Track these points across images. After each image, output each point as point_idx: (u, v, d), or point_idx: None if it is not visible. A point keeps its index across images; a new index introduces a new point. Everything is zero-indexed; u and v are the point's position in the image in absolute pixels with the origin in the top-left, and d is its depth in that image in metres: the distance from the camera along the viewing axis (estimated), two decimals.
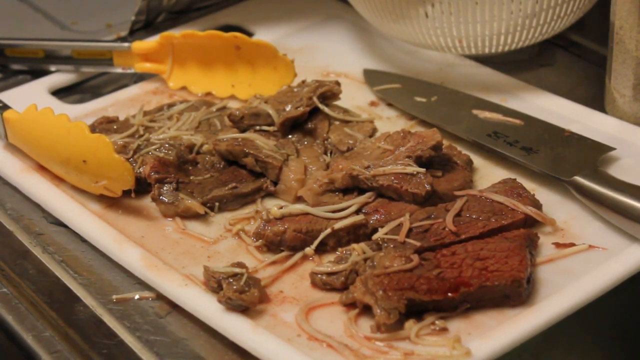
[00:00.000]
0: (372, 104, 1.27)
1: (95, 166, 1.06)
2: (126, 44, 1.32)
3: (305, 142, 1.16)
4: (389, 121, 1.23)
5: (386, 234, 0.99)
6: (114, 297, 0.99)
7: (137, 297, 0.99)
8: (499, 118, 1.18)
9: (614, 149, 1.11)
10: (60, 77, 1.35)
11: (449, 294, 0.91)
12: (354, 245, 0.99)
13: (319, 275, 0.97)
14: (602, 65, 1.23)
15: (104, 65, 1.35)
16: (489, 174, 1.12)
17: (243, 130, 1.17)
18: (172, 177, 1.09)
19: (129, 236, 1.04)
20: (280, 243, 1.02)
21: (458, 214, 1.01)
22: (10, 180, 1.15)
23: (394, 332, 0.90)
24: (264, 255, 1.02)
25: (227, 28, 1.41)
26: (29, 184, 1.13)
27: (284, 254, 1.02)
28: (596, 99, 1.24)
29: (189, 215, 1.07)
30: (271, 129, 1.17)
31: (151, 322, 0.96)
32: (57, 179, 1.13)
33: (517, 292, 0.92)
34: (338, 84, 1.19)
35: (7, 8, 1.61)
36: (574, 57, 1.38)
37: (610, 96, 1.20)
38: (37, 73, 1.36)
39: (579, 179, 1.04)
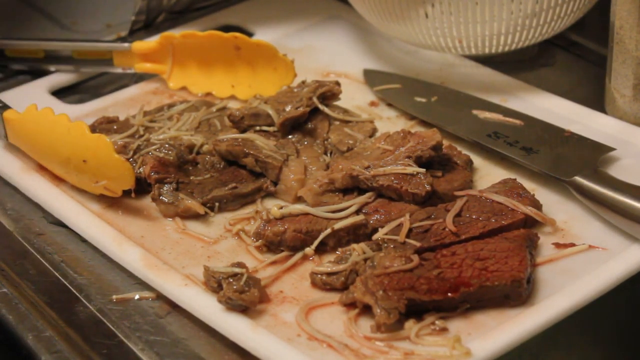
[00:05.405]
0: (372, 104, 1.27)
1: (95, 166, 1.06)
2: (126, 44, 1.32)
3: (305, 142, 1.16)
4: (389, 121, 1.23)
5: (386, 234, 0.99)
6: (114, 297, 0.99)
7: (137, 297, 0.99)
8: (499, 118, 1.18)
9: (614, 149, 1.11)
10: (60, 77, 1.35)
11: (449, 294, 0.91)
12: (354, 245, 0.99)
13: (319, 275, 0.97)
14: (602, 65, 1.23)
15: (104, 65, 1.35)
16: (489, 174, 1.12)
17: (243, 131, 1.17)
18: (172, 177, 1.09)
19: (129, 236, 1.04)
20: (280, 243, 1.02)
21: (458, 214, 1.01)
22: (10, 180, 1.15)
23: (394, 332, 0.90)
24: (264, 255, 1.02)
25: (227, 28, 1.41)
26: (29, 184, 1.13)
27: (284, 254, 1.02)
28: (596, 99, 1.24)
29: (189, 215, 1.07)
30: (271, 129, 1.17)
31: (151, 322, 0.96)
32: (57, 179, 1.13)
33: (517, 292, 0.92)
34: (338, 84, 1.19)
35: (7, 8, 1.61)
36: (574, 57, 1.38)
37: (610, 96, 1.20)
38: (37, 73, 1.36)
39: (579, 179, 1.04)
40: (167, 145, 1.13)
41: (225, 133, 1.16)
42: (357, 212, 1.03)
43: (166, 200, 1.08)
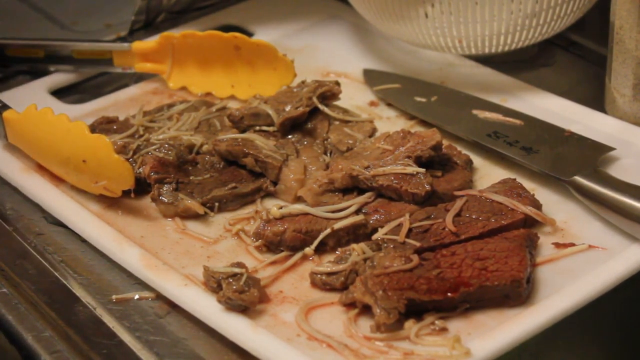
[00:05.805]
0: (372, 104, 1.27)
1: (95, 166, 1.06)
2: (126, 44, 1.32)
3: (305, 142, 1.16)
4: (389, 121, 1.23)
5: (386, 234, 0.99)
6: (114, 297, 0.99)
7: (136, 297, 0.99)
8: (499, 118, 1.18)
9: (614, 149, 1.11)
10: (60, 77, 1.35)
11: (449, 294, 0.91)
12: (354, 245, 0.98)
13: (319, 275, 0.97)
14: (602, 65, 1.23)
15: (104, 65, 1.35)
16: (489, 174, 1.12)
17: (243, 131, 1.17)
18: (171, 177, 1.09)
19: (128, 236, 1.04)
20: (280, 243, 1.02)
21: (458, 214, 1.01)
22: (10, 180, 1.15)
23: (393, 332, 0.90)
24: (263, 255, 1.02)
25: (227, 28, 1.41)
26: (29, 184, 1.13)
27: (283, 254, 1.02)
28: (596, 99, 1.24)
29: (188, 215, 1.07)
30: (271, 129, 1.17)
31: (151, 322, 0.96)
32: (57, 179, 1.13)
33: (516, 292, 0.92)
34: (338, 84, 1.19)
35: (7, 8, 1.61)
36: (574, 57, 1.38)
37: (610, 96, 1.20)
38: (37, 73, 1.36)
39: (579, 179, 1.04)
40: (166, 145, 1.13)
41: (225, 133, 1.16)
42: (357, 212, 1.03)
43: (166, 200, 1.08)
